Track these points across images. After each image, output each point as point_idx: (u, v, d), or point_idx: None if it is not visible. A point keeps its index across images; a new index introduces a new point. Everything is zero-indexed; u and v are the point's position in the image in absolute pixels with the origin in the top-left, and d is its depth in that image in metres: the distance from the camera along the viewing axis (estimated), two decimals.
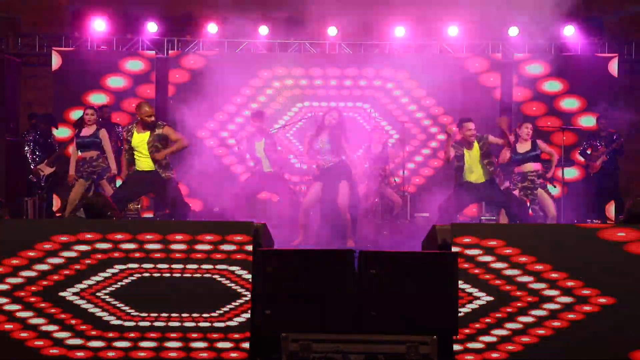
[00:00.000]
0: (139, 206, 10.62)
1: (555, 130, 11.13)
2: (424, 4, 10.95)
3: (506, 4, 10.31)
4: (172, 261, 4.89)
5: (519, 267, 4.84)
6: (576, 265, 4.83)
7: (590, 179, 10.88)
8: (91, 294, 4.88)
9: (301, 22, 11.65)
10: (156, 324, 4.85)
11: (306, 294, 4.80)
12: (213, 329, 4.84)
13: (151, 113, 7.76)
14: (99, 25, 11.81)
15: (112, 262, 4.89)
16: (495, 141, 8.35)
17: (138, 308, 4.87)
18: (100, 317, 4.86)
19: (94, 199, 6.22)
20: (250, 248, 4.89)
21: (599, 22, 11.82)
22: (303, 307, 4.80)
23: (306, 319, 4.78)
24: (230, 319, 4.84)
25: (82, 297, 4.87)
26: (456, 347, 4.78)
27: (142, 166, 7.84)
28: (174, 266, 4.89)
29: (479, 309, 4.82)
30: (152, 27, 11.95)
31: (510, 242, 4.86)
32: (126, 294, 4.88)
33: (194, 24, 11.84)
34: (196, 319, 4.86)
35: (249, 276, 4.87)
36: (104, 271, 4.88)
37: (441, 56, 11.95)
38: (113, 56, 11.87)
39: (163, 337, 4.83)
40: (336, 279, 4.82)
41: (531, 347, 4.78)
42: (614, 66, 11.58)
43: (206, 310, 4.86)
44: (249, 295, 4.86)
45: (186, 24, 11.74)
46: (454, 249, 4.86)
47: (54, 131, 11.05)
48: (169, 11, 11.99)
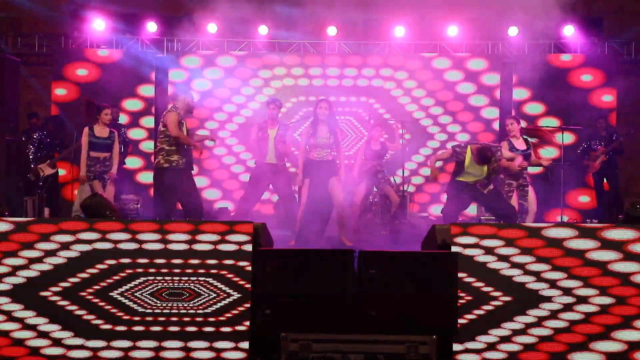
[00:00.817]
0: (138, 206, 10.60)
1: (555, 130, 11.13)
2: (423, 4, 10.95)
3: (506, 3, 10.32)
4: (171, 260, 4.89)
5: (518, 267, 4.84)
6: (576, 265, 4.83)
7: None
8: (91, 293, 4.88)
9: (301, 21, 11.66)
10: (155, 323, 4.85)
11: (306, 294, 4.81)
12: (212, 328, 4.84)
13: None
14: (98, 25, 11.81)
15: (112, 261, 4.89)
16: (507, 156, 8.11)
17: (137, 308, 4.87)
18: (99, 317, 4.86)
19: (92, 200, 6.20)
20: (249, 248, 4.89)
21: (599, 22, 11.81)
22: (303, 307, 4.80)
23: (306, 319, 4.79)
24: (229, 318, 4.84)
25: (82, 297, 4.87)
26: (456, 347, 4.79)
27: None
28: (173, 266, 4.89)
29: (478, 308, 4.82)
30: (152, 27, 11.94)
31: (509, 242, 4.86)
32: (125, 293, 4.88)
33: (193, 24, 11.83)
34: (196, 318, 4.86)
35: (248, 276, 4.87)
36: (103, 271, 4.89)
37: (441, 56, 11.94)
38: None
39: (163, 337, 4.83)
40: (336, 279, 4.82)
41: (531, 347, 4.78)
42: (614, 66, 11.61)
43: (206, 310, 4.86)
44: (249, 295, 4.86)
45: (186, 24, 11.73)
46: (454, 249, 4.86)
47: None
48: (169, 11, 11.99)
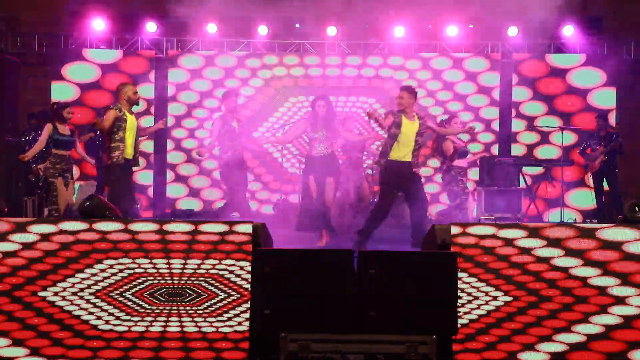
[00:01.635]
0: (138, 206, 10.59)
1: (554, 130, 11.13)
2: (423, 4, 10.95)
3: (506, 3, 10.31)
4: (171, 261, 4.89)
5: (518, 267, 4.85)
6: (576, 265, 4.83)
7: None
8: (90, 294, 4.88)
9: (301, 21, 11.65)
10: (155, 324, 4.85)
11: (305, 294, 4.80)
12: (212, 329, 4.84)
13: None
14: (98, 25, 11.80)
15: (111, 262, 4.89)
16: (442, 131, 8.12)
17: (137, 308, 4.87)
18: (98, 317, 4.86)
19: (90, 204, 6.09)
20: (249, 248, 4.89)
21: (599, 22, 11.80)
22: (302, 307, 4.80)
23: (305, 319, 4.78)
24: (229, 319, 4.84)
25: (81, 297, 4.87)
26: (456, 347, 4.79)
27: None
28: (173, 266, 4.89)
29: (478, 308, 4.82)
30: (151, 27, 11.94)
31: (509, 242, 4.86)
32: (125, 294, 4.88)
33: (193, 24, 11.81)
34: (195, 319, 4.86)
35: (248, 276, 4.87)
36: (103, 271, 4.89)
37: (440, 56, 11.94)
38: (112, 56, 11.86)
39: (162, 338, 4.83)
40: (335, 279, 4.82)
41: (530, 347, 4.79)
42: (613, 66, 11.60)
43: (205, 310, 4.86)
44: (248, 295, 4.86)
45: (186, 24, 11.72)
46: (454, 249, 4.86)
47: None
48: (168, 11, 11.97)
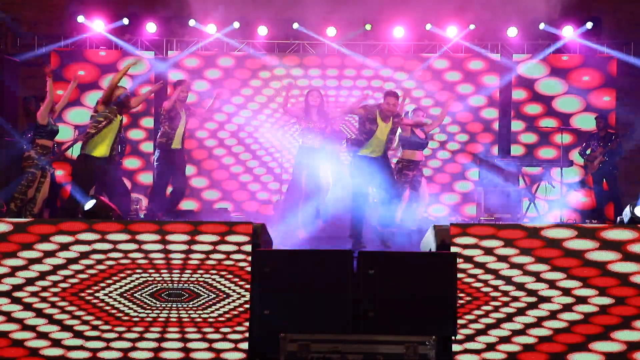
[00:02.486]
0: (137, 206, 10.58)
1: (554, 131, 11.13)
2: (423, 4, 10.94)
3: (505, 4, 10.30)
4: (171, 261, 4.89)
5: (518, 268, 4.84)
6: (575, 266, 4.83)
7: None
8: (90, 294, 4.88)
9: (301, 22, 11.64)
10: (155, 324, 4.85)
11: (305, 294, 4.80)
12: (212, 329, 4.84)
13: None
14: (98, 26, 11.79)
15: (111, 262, 4.89)
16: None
17: (136, 308, 4.86)
18: (98, 318, 4.86)
19: (95, 206, 5.98)
20: (249, 248, 4.89)
21: (598, 22, 11.79)
22: (302, 308, 4.80)
23: (305, 319, 4.78)
24: (229, 319, 4.84)
25: (81, 297, 4.87)
26: (455, 348, 4.78)
27: None
28: (173, 266, 4.89)
29: (477, 309, 4.82)
30: (151, 28, 11.93)
31: (509, 243, 4.86)
32: (124, 294, 4.88)
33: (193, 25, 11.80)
34: (195, 319, 4.86)
35: (247, 276, 4.87)
36: (102, 271, 4.89)
37: (440, 56, 11.93)
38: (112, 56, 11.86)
39: (162, 338, 4.83)
40: (335, 279, 4.82)
41: (530, 347, 4.78)
42: (613, 66, 11.59)
43: (205, 311, 4.86)
44: (248, 296, 4.86)
45: (185, 24, 11.71)
46: (453, 249, 4.86)
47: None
48: (168, 11, 11.96)
